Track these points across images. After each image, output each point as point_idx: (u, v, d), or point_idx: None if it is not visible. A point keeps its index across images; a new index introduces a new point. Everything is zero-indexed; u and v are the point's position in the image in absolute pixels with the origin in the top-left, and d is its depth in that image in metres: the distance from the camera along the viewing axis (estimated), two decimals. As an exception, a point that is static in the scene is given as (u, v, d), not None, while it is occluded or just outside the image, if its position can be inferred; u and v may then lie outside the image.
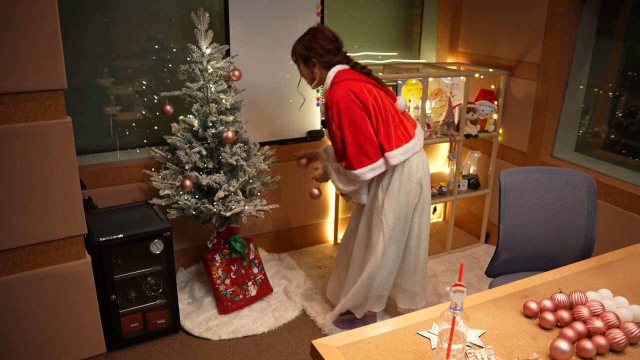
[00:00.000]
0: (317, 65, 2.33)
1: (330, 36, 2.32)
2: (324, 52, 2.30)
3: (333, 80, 2.27)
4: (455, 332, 1.18)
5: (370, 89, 2.27)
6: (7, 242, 1.96)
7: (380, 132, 2.23)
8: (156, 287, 2.61)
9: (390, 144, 2.24)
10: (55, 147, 1.95)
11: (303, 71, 2.41)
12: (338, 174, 2.36)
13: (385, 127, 2.25)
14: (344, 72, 2.28)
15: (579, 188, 2.10)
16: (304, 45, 2.34)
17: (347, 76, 2.26)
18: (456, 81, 3.34)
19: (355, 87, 2.22)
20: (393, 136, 2.25)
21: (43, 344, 2.14)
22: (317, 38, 2.31)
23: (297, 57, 2.39)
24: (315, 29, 2.35)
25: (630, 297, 1.56)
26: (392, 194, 2.32)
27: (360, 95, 2.21)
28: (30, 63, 1.82)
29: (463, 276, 1.72)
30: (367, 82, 2.29)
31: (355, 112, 2.19)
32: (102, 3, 2.71)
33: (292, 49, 2.42)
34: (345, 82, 2.24)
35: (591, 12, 2.95)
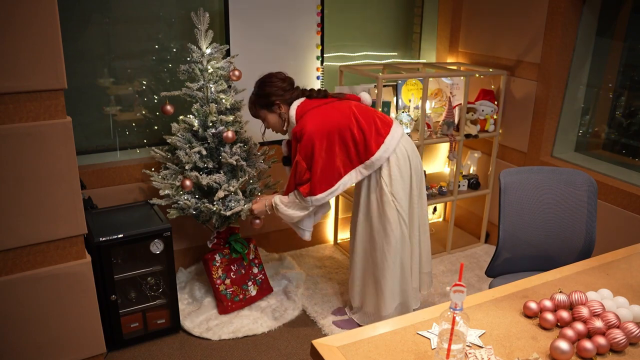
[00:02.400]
0: (281, 106, 2.39)
1: (281, 77, 2.40)
2: (282, 92, 2.37)
3: (297, 115, 2.32)
4: (455, 332, 1.18)
5: (335, 107, 2.32)
6: (7, 242, 1.96)
7: (359, 141, 2.28)
8: (156, 287, 2.61)
9: (371, 149, 2.29)
10: (55, 147, 1.95)
11: (271, 120, 2.44)
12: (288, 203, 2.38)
13: (362, 133, 2.28)
14: (303, 104, 2.34)
15: (579, 188, 2.10)
16: (260, 94, 2.40)
17: (308, 107, 2.32)
18: (456, 81, 3.34)
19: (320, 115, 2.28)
20: (373, 139, 2.29)
21: (43, 344, 2.14)
22: (271, 82, 2.38)
23: (259, 108, 2.43)
24: (265, 77, 2.42)
25: (630, 297, 1.56)
26: (396, 181, 2.34)
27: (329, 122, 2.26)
28: (31, 63, 1.82)
29: (463, 276, 1.72)
30: (327, 102, 2.35)
31: (329, 142, 2.25)
32: (102, 3, 2.71)
33: (250, 103, 2.46)
34: (311, 113, 2.29)
35: (591, 12, 2.95)
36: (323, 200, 2.33)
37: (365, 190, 2.42)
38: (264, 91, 2.38)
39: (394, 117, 3.18)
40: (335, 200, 3.48)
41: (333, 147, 2.26)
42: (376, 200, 2.39)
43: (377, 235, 2.41)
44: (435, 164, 3.86)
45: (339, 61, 3.46)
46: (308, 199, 2.31)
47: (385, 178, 2.34)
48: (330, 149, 2.26)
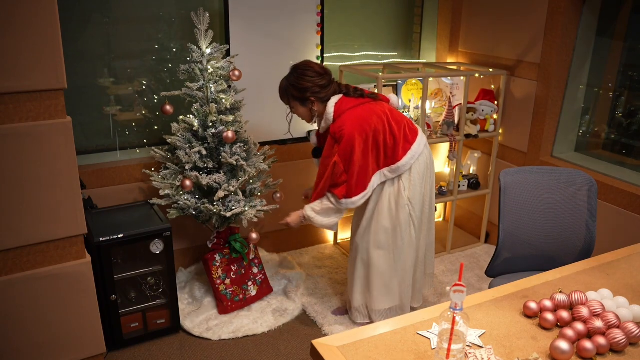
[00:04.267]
0: (315, 103, 2.34)
1: (319, 70, 2.33)
2: (319, 89, 2.31)
3: (335, 113, 2.28)
4: (455, 332, 1.18)
5: (371, 109, 2.29)
6: (7, 242, 1.96)
7: (389, 146, 2.30)
8: (156, 287, 2.61)
9: (397, 154, 2.30)
10: (55, 147, 1.95)
11: (300, 111, 2.40)
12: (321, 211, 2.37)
13: (393, 138, 2.29)
14: (340, 102, 2.30)
15: (579, 188, 2.10)
16: (296, 87, 2.33)
17: (345, 106, 2.28)
18: (456, 81, 3.34)
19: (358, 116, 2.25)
20: (400, 146, 2.31)
21: (43, 344, 2.14)
22: (307, 76, 2.31)
23: (290, 98, 2.38)
24: (302, 67, 2.34)
25: (630, 297, 1.56)
26: (415, 188, 2.37)
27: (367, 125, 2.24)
28: (31, 63, 1.82)
29: (463, 276, 1.72)
30: (364, 103, 2.32)
31: (365, 145, 2.24)
32: (102, 3, 2.71)
33: (282, 90, 2.40)
34: (350, 113, 2.26)
35: (591, 12, 2.95)
36: (358, 203, 2.33)
37: (379, 191, 2.41)
38: (300, 85, 2.32)
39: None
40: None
41: (367, 150, 2.26)
42: (389, 202, 2.39)
43: (385, 235, 2.41)
44: (436, 164, 3.85)
45: (339, 61, 3.46)
46: (343, 201, 2.30)
47: (405, 183, 2.36)
48: (365, 151, 2.26)
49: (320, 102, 2.34)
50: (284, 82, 2.39)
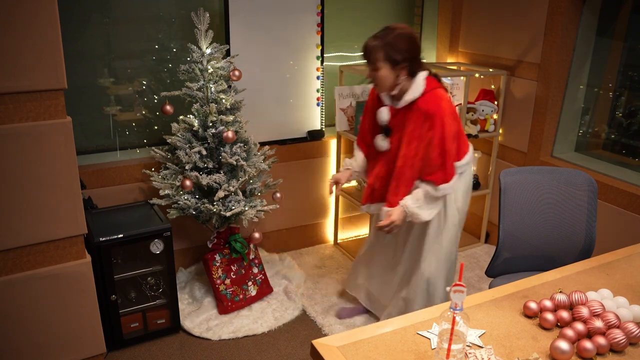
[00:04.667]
0: (404, 72, 2.12)
1: (417, 39, 2.17)
2: (415, 58, 2.14)
3: (425, 88, 2.12)
4: (455, 332, 1.18)
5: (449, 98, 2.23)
6: (7, 242, 1.96)
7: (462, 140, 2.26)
8: (156, 287, 2.61)
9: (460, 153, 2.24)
10: (55, 147, 1.95)
11: (384, 74, 2.13)
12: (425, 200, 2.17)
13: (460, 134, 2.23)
14: (430, 79, 2.16)
15: (579, 188, 2.10)
16: (394, 46, 2.08)
17: (435, 84, 2.16)
18: (456, 81, 3.34)
19: (448, 97, 2.18)
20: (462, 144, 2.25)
21: (43, 344, 2.14)
22: (413, 43, 2.13)
23: (381, 58, 2.11)
24: (407, 32, 2.12)
25: (630, 297, 1.56)
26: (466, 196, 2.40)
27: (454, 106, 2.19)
28: (31, 63, 1.82)
29: (463, 276, 1.72)
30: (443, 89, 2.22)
31: (455, 125, 2.16)
32: (102, 3, 2.71)
33: (371, 47, 2.12)
34: (438, 91, 2.14)
35: (591, 12, 2.95)
36: (450, 190, 2.18)
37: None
38: (400, 46, 2.08)
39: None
40: (335, 200, 3.48)
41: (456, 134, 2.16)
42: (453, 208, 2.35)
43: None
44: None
45: (339, 61, 3.46)
46: (441, 187, 2.14)
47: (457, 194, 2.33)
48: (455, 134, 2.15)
49: (409, 72, 2.13)
50: (374, 41, 2.11)
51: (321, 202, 3.47)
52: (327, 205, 3.50)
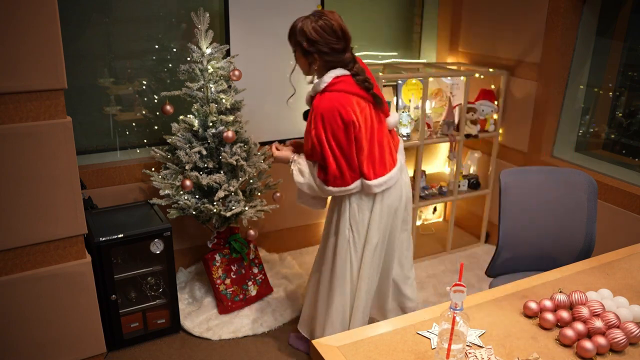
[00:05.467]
0: (317, 63, 2.02)
1: (339, 31, 1.97)
2: (328, 51, 1.97)
3: (327, 86, 1.99)
4: (455, 332, 1.18)
5: (364, 107, 2.01)
6: (7, 242, 1.96)
7: (364, 157, 2.03)
8: (156, 287, 2.62)
9: (372, 171, 2.05)
10: (55, 147, 1.95)
11: (300, 60, 2.08)
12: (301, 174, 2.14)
13: (370, 151, 2.04)
14: (342, 79, 1.99)
15: (579, 188, 2.10)
16: (307, 36, 1.98)
17: (343, 87, 1.98)
18: (456, 81, 3.34)
19: (346, 102, 1.96)
20: (377, 162, 2.06)
21: (43, 344, 2.14)
22: (328, 36, 1.96)
23: (295, 42, 2.04)
24: (325, 24, 1.96)
25: (630, 297, 1.56)
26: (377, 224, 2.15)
27: (347, 114, 1.94)
28: (31, 63, 1.82)
29: (463, 276, 1.72)
30: (363, 97, 2.02)
31: (338, 133, 1.96)
32: (102, 3, 2.71)
33: (292, 30, 2.04)
34: (339, 95, 1.97)
35: (591, 12, 2.95)
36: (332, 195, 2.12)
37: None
38: (310, 36, 1.97)
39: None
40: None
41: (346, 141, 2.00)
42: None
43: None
44: (435, 164, 3.86)
45: (339, 61, 3.46)
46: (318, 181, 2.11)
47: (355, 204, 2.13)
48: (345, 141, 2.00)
49: (323, 65, 2.01)
50: (298, 23, 2.02)
51: (321, 202, 3.47)
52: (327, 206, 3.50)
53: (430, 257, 3.42)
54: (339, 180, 2.04)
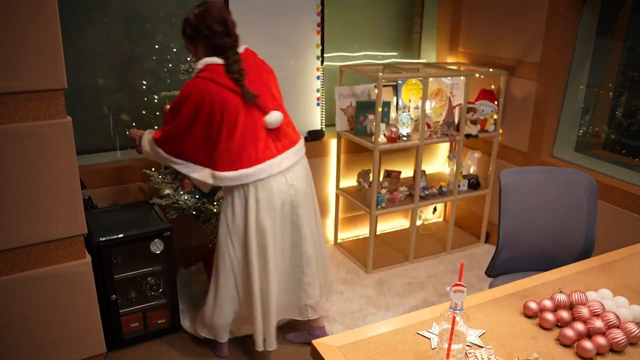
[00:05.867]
0: (199, 49, 2.07)
1: (217, 17, 2.02)
2: (208, 35, 2.02)
3: (198, 71, 2.03)
4: (455, 332, 1.18)
5: (228, 97, 2.00)
6: (7, 242, 1.96)
7: (220, 147, 2.04)
8: (156, 287, 2.61)
9: (224, 163, 2.05)
10: (55, 147, 1.95)
11: (188, 47, 2.14)
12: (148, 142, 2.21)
13: (227, 143, 2.03)
14: (211, 68, 2.02)
15: (579, 188, 2.10)
16: (188, 23, 2.05)
17: (209, 75, 2.00)
18: (456, 81, 3.34)
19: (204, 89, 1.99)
20: (234, 156, 2.04)
21: (43, 344, 2.14)
22: (203, 23, 2.01)
23: (182, 33, 2.10)
24: (204, 6, 2.04)
25: (630, 297, 1.56)
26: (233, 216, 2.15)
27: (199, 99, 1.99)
28: (31, 63, 1.82)
29: (463, 276, 1.72)
30: (231, 89, 2.01)
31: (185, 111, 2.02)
32: (102, 3, 2.71)
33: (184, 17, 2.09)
34: (202, 81, 2.00)
35: (591, 12, 2.95)
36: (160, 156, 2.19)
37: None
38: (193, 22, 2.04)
39: (394, 117, 3.19)
40: (335, 199, 3.48)
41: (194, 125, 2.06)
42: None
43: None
44: (435, 164, 3.86)
45: (339, 61, 3.46)
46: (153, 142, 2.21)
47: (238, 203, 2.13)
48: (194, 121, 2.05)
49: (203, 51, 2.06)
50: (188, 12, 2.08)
51: (321, 202, 3.47)
52: (327, 205, 3.50)
53: (430, 257, 3.42)
54: (168, 143, 2.12)
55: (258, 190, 2.10)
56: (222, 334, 2.38)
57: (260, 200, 2.10)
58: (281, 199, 2.15)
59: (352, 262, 3.34)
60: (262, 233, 2.14)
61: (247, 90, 2.03)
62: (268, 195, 2.11)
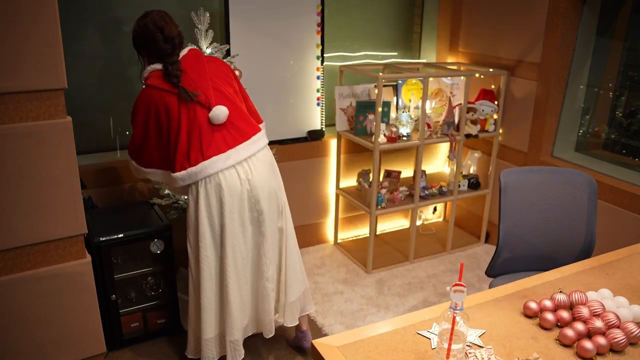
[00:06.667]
0: (145, 58, 2.17)
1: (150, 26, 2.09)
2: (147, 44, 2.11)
3: (145, 80, 2.11)
4: (455, 332, 1.18)
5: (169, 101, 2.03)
6: (7, 242, 1.96)
7: (171, 151, 2.08)
8: (156, 287, 2.62)
9: (176, 163, 2.05)
10: (55, 147, 1.95)
11: (141, 58, 2.22)
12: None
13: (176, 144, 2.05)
14: (152, 74, 2.09)
15: (579, 188, 2.10)
16: (134, 34, 2.14)
17: (152, 81, 2.07)
18: (456, 81, 3.34)
19: (146, 97, 2.07)
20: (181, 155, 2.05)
21: (43, 344, 2.14)
22: (139, 32, 2.11)
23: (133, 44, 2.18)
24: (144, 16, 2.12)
25: (630, 297, 1.56)
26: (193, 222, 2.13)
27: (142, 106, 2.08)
28: (31, 63, 1.82)
29: (463, 276, 1.72)
30: (170, 92, 2.04)
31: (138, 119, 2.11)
32: (102, 3, 2.71)
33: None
34: (146, 89, 2.08)
35: (591, 12, 2.95)
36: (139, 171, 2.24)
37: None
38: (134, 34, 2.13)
39: (394, 117, 3.19)
40: (335, 199, 3.48)
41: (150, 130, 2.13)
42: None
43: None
44: (435, 164, 3.86)
45: (339, 61, 3.46)
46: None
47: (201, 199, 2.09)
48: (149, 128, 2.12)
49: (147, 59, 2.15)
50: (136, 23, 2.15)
51: (321, 202, 3.47)
52: (327, 205, 3.50)
53: (430, 257, 3.42)
54: (136, 155, 2.21)
55: (207, 186, 2.05)
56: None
57: (210, 197, 2.06)
58: (234, 195, 2.07)
59: (352, 262, 3.34)
60: (215, 229, 2.08)
61: (183, 90, 2.04)
62: (217, 191, 2.05)
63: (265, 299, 2.24)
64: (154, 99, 2.06)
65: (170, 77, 2.05)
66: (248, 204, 2.12)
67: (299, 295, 2.38)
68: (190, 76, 2.08)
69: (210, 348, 2.17)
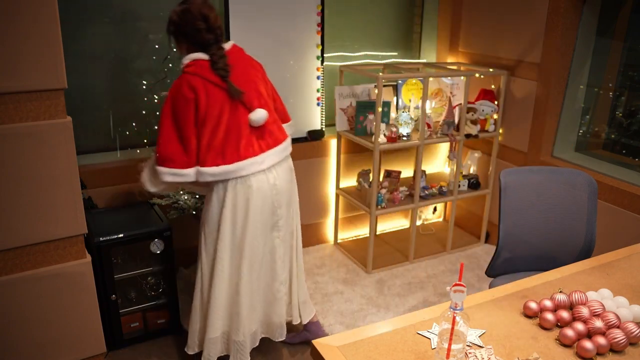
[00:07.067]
0: (184, 45, 2.07)
1: (196, 14, 2.01)
2: (190, 32, 2.02)
3: (184, 67, 2.01)
4: (455, 332, 1.18)
5: (214, 93, 1.97)
6: (7, 242, 1.96)
7: (204, 143, 1.99)
8: (156, 287, 2.62)
9: (209, 159, 1.99)
10: (55, 147, 1.95)
11: (176, 45, 2.14)
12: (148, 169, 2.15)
13: (211, 138, 1.99)
14: (197, 63, 1.99)
15: (579, 188, 2.10)
16: (170, 20, 2.06)
17: (195, 70, 1.98)
18: (456, 81, 3.34)
19: (192, 83, 1.96)
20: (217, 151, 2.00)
21: (43, 344, 2.14)
22: (183, 19, 2.02)
23: (167, 30, 2.11)
24: (186, 4, 2.04)
25: (630, 297, 1.56)
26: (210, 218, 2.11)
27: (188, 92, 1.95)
28: (31, 63, 1.82)
29: (463, 276, 1.72)
30: (216, 84, 1.98)
31: (178, 108, 1.97)
32: (102, 3, 2.71)
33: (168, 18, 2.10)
34: (189, 76, 1.97)
35: (591, 12, 2.95)
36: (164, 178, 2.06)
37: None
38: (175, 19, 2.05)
39: (394, 116, 3.19)
40: (335, 199, 3.48)
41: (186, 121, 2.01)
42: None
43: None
44: (435, 164, 3.86)
45: (339, 61, 3.46)
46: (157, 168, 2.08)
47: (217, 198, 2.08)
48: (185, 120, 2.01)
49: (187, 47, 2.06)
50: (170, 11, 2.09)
51: (321, 202, 3.47)
52: (327, 205, 3.50)
53: (430, 257, 3.42)
54: (169, 162, 2.00)
55: (237, 187, 2.03)
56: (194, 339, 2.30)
57: (238, 198, 2.04)
58: (261, 198, 2.07)
59: (352, 262, 3.34)
60: (236, 231, 2.07)
61: (232, 86, 1.99)
62: (247, 192, 2.04)
63: (277, 302, 2.26)
64: (197, 86, 1.95)
65: (218, 69, 1.98)
66: (271, 208, 2.13)
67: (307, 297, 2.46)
68: (235, 73, 2.03)
69: (213, 347, 2.18)
